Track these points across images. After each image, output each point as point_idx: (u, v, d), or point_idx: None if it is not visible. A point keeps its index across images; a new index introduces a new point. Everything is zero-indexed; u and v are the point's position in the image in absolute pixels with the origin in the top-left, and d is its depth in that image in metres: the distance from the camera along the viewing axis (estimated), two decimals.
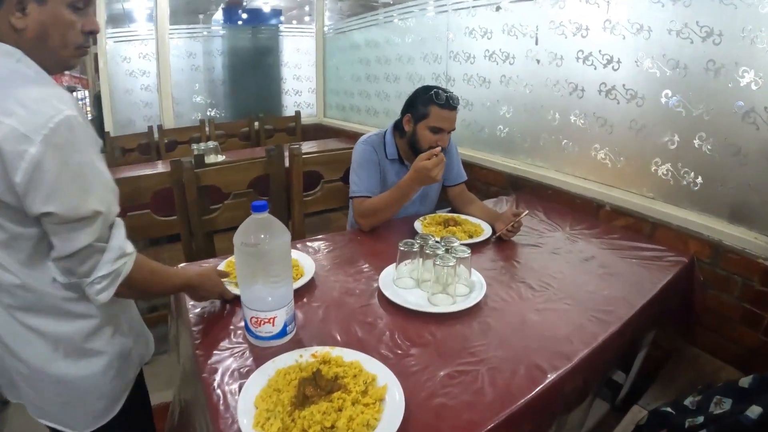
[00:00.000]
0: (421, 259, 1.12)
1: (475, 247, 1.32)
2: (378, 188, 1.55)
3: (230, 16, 3.99)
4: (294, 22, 4.13)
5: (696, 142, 1.46)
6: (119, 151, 3.04)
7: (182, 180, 1.69)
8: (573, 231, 1.59)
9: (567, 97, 1.86)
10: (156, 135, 3.19)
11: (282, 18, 4.14)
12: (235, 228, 0.84)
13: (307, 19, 4.01)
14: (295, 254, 1.24)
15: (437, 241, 1.14)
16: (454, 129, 1.50)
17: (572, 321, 1.02)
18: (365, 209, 1.47)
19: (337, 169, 2.09)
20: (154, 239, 2.24)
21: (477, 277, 1.14)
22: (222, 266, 1.15)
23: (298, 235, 1.97)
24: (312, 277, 1.15)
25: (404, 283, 1.13)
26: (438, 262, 1.04)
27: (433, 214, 1.60)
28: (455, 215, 1.59)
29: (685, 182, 1.52)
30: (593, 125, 1.78)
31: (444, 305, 1.04)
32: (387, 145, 1.60)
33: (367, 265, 1.26)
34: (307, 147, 3.09)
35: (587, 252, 1.41)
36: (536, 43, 1.97)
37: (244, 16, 4.00)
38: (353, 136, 3.27)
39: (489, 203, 1.86)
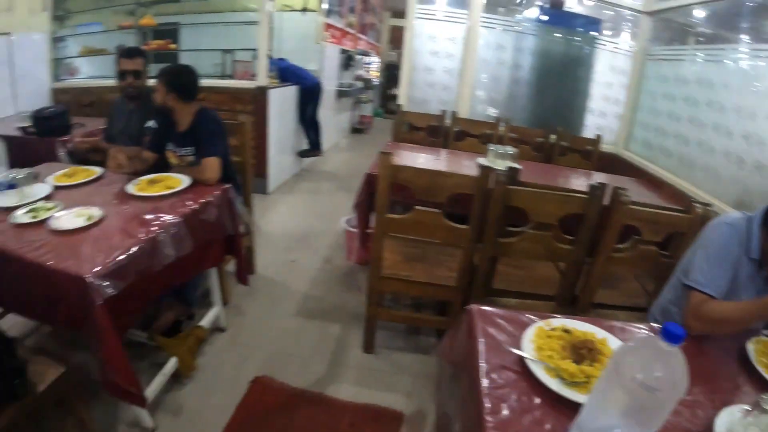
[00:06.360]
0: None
1: None
2: (725, 289, 1.20)
3: (547, 15, 3.63)
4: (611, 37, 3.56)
5: None
6: (407, 126, 3.07)
7: (487, 190, 1.54)
8: None
9: None
10: (449, 121, 3.08)
11: (600, 29, 3.59)
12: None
13: (620, 41, 3.40)
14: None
15: None
16: None
17: None
18: (711, 312, 1.15)
19: (656, 231, 1.61)
20: None
21: None
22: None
23: (586, 296, 1.65)
24: None
25: None
26: None
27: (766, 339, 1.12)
28: None
29: None
30: None
31: None
32: (752, 239, 1.21)
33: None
34: (599, 179, 2.67)
35: None
36: None
37: (561, 17, 3.60)
38: (655, 183, 2.74)
39: None
